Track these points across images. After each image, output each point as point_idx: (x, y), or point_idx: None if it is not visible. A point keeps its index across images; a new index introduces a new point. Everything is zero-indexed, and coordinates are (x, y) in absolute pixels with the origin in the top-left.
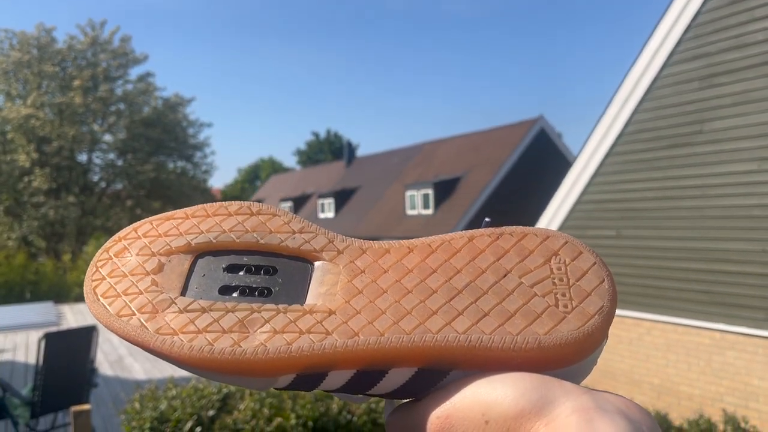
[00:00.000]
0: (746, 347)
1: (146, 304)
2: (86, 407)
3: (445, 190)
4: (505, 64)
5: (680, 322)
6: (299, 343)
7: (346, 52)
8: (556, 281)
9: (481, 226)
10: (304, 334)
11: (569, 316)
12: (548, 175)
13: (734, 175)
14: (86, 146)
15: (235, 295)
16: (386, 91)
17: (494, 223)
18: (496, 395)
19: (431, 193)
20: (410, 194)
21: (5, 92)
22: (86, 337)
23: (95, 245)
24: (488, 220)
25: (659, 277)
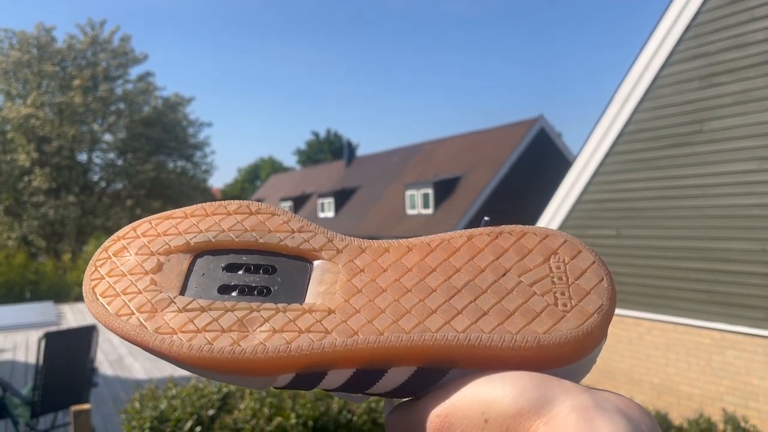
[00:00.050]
0: (746, 347)
1: (145, 303)
2: (86, 407)
3: (445, 189)
4: (505, 64)
5: (680, 321)
6: (299, 342)
7: (346, 52)
8: (555, 280)
9: (480, 225)
10: (303, 333)
11: (568, 314)
12: (548, 174)
13: (734, 174)
14: (86, 146)
15: (234, 294)
16: (386, 91)
17: (494, 222)
18: (495, 394)
19: (431, 192)
20: (410, 194)
21: (5, 92)
22: (86, 336)
23: (95, 245)
24: (487, 219)
25: (659, 276)
